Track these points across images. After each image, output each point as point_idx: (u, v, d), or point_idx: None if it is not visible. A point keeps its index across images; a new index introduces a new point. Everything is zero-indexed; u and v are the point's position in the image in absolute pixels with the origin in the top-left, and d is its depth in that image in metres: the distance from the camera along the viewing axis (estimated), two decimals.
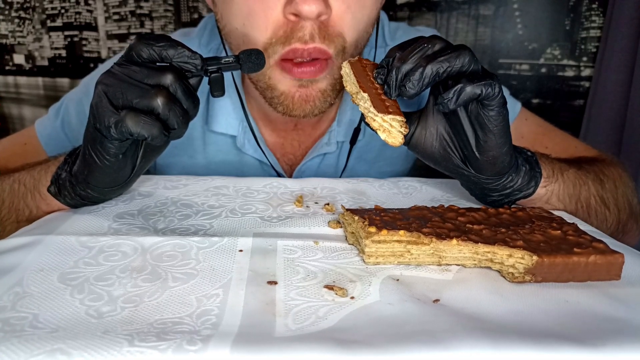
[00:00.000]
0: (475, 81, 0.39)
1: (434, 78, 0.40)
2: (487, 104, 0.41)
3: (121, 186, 0.47)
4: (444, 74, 0.40)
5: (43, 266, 0.37)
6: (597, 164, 0.57)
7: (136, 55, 0.40)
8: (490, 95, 0.40)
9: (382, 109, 0.41)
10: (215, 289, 0.34)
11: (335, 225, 0.45)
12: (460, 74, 0.40)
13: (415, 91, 0.40)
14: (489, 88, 0.39)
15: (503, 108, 0.41)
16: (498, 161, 0.44)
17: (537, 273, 0.35)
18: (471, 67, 0.40)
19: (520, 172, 0.46)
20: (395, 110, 0.41)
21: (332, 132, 0.67)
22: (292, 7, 0.49)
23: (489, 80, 0.40)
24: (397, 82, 0.41)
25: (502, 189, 0.47)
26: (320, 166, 0.69)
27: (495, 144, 0.43)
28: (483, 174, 0.45)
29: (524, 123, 0.68)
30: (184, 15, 1.67)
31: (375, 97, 0.42)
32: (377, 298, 0.33)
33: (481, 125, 0.42)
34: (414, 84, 0.40)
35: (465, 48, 0.41)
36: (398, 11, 1.41)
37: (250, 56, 0.45)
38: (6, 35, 1.92)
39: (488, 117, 0.41)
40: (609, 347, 0.28)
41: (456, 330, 0.29)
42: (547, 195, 0.49)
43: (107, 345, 0.27)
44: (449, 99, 0.40)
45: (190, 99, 0.41)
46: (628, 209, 0.56)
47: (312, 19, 0.49)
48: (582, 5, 1.26)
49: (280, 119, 0.66)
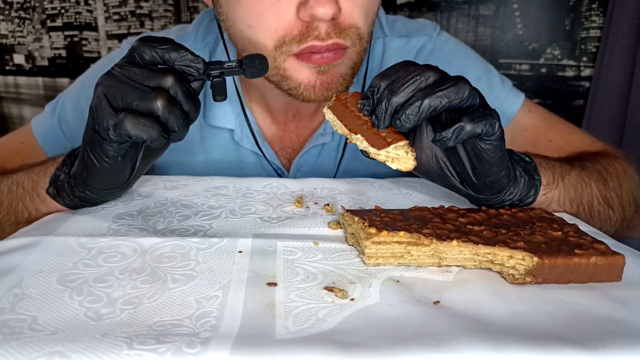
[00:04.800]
0: (475, 120, 0.38)
1: (430, 113, 0.38)
2: (485, 139, 0.40)
3: (120, 188, 0.47)
4: (442, 108, 0.38)
5: (42, 267, 0.37)
6: (602, 160, 0.55)
7: (138, 57, 0.40)
8: (489, 133, 0.39)
9: (380, 144, 0.39)
10: (215, 290, 0.34)
11: (335, 226, 0.45)
12: (458, 108, 0.39)
13: (411, 125, 0.38)
14: (489, 127, 0.38)
15: (501, 141, 0.41)
16: (496, 185, 0.44)
17: (538, 274, 0.35)
18: (469, 102, 0.39)
19: (518, 185, 0.46)
20: (393, 137, 0.39)
21: (327, 122, 0.67)
22: (307, 11, 0.49)
23: (490, 119, 0.38)
24: (386, 114, 0.39)
25: (501, 202, 0.47)
26: (318, 159, 0.69)
27: (491, 172, 0.42)
28: (481, 195, 0.45)
29: (527, 115, 0.67)
30: (184, 15, 1.67)
31: (368, 135, 0.40)
32: (377, 300, 0.33)
33: (478, 156, 0.41)
34: (410, 119, 0.38)
35: (465, 82, 0.39)
36: (398, 11, 1.41)
37: (253, 61, 0.45)
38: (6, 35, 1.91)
39: (485, 150, 0.41)
40: (610, 348, 0.28)
41: (457, 332, 0.29)
42: (547, 202, 0.49)
43: (105, 348, 0.27)
44: (448, 138, 0.38)
45: (191, 102, 0.40)
46: (633, 205, 0.55)
47: (327, 21, 0.50)
48: (582, 5, 1.26)
49: (280, 110, 0.66)
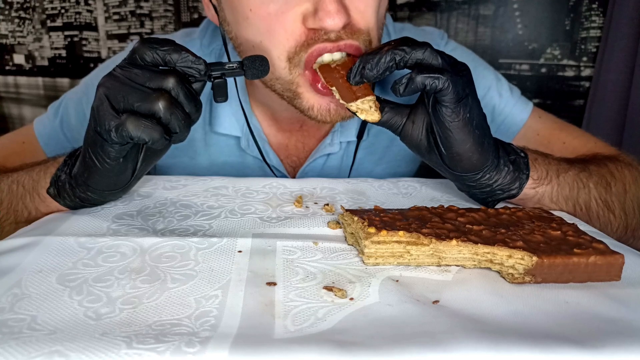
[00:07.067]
0: (424, 73, 0.41)
1: (390, 65, 0.43)
2: (440, 100, 0.42)
3: (121, 189, 0.47)
4: (401, 62, 0.43)
5: (42, 267, 0.37)
6: (609, 164, 0.55)
7: (140, 58, 0.40)
8: (437, 88, 0.41)
9: (350, 98, 0.46)
10: (214, 290, 0.34)
11: (335, 226, 0.45)
12: (419, 65, 0.42)
13: (373, 74, 0.43)
14: (435, 81, 0.41)
15: (457, 105, 0.43)
16: (463, 158, 0.45)
17: (537, 274, 0.35)
18: (430, 61, 0.42)
19: (500, 172, 0.47)
20: (363, 93, 0.45)
21: (335, 132, 0.66)
22: (316, 23, 0.48)
23: (438, 75, 0.41)
24: (358, 69, 0.44)
25: (481, 187, 0.47)
26: (323, 168, 0.69)
27: (455, 140, 0.44)
28: (454, 170, 0.46)
29: (538, 121, 0.68)
30: (184, 15, 1.67)
31: (342, 89, 0.46)
32: (376, 299, 0.33)
33: (438, 121, 0.44)
34: (372, 66, 0.43)
35: (428, 45, 0.43)
36: (398, 11, 1.41)
37: (254, 62, 0.45)
38: (6, 35, 1.92)
39: (443, 113, 0.43)
40: (609, 348, 0.28)
41: (456, 332, 0.29)
42: (537, 196, 0.49)
43: (105, 347, 0.27)
44: (399, 84, 0.42)
45: (192, 103, 0.40)
46: (639, 214, 0.55)
47: (337, 31, 0.49)
48: (582, 5, 1.26)
49: (286, 120, 0.66)
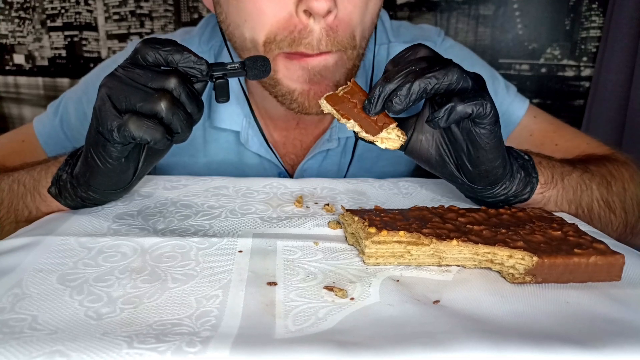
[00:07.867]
0: (466, 101, 0.39)
1: (420, 94, 0.40)
2: (478, 122, 0.41)
3: (123, 189, 0.47)
4: (432, 90, 0.40)
5: (42, 267, 0.37)
6: (607, 164, 0.55)
7: (141, 58, 0.40)
8: (481, 114, 0.40)
9: (373, 130, 0.42)
10: (215, 290, 0.34)
11: (335, 226, 0.45)
12: (450, 91, 0.40)
13: (402, 107, 0.40)
14: (480, 108, 0.40)
15: (495, 126, 0.41)
16: (490, 174, 0.44)
17: (538, 274, 0.35)
18: (460, 84, 0.40)
19: (514, 180, 0.46)
20: (384, 121, 0.42)
21: (333, 128, 0.66)
22: (304, 4, 0.49)
23: (480, 100, 0.40)
24: (379, 99, 0.41)
25: (495, 196, 0.47)
26: (322, 164, 0.69)
27: (487, 159, 0.43)
28: (476, 184, 0.45)
29: (533, 121, 0.68)
30: (184, 15, 1.66)
31: (361, 120, 0.42)
32: (377, 299, 0.33)
33: (472, 141, 0.42)
34: (401, 100, 0.40)
35: (454, 65, 0.40)
36: (398, 11, 1.41)
37: (256, 62, 0.45)
38: (6, 35, 1.91)
39: (479, 134, 0.41)
40: (609, 348, 0.28)
41: (456, 332, 0.29)
42: (544, 201, 0.49)
43: (106, 347, 0.27)
44: (440, 118, 0.40)
45: (194, 103, 0.40)
46: (637, 211, 0.55)
47: (322, 16, 0.49)
48: (582, 5, 1.26)
49: (282, 117, 0.66)
